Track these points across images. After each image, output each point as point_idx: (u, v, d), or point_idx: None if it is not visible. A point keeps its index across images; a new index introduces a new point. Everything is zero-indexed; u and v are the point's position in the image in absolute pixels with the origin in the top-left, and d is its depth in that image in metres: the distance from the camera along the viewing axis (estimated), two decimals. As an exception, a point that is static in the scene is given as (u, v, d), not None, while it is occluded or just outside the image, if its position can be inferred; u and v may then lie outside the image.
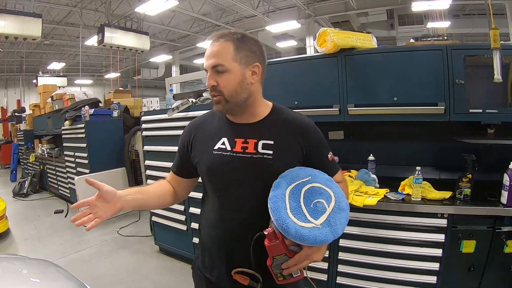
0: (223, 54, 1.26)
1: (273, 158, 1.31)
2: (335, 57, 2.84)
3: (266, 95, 3.13)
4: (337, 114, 2.88)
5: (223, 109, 1.33)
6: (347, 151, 3.22)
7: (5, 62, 16.62)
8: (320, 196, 1.23)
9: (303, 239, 1.12)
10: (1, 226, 5.45)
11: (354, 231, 2.60)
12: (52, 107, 8.00)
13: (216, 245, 1.42)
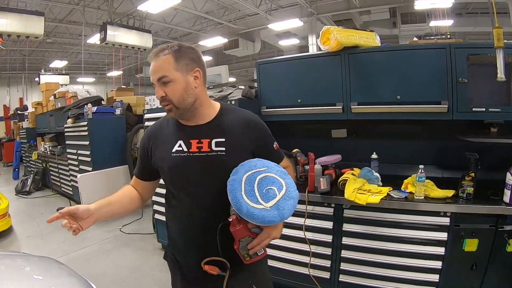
0: (165, 66, 1.39)
1: (226, 153, 1.46)
2: (339, 55, 2.85)
3: (269, 93, 3.17)
4: (340, 113, 2.90)
5: (175, 115, 1.47)
6: (350, 149, 3.23)
7: (7, 61, 16.66)
8: (272, 184, 1.41)
9: (253, 217, 1.30)
10: (3, 223, 5.48)
11: (356, 229, 2.61)
12: (55, 105, 8.02)
13: (183, 239, 1.55)
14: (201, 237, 1.49)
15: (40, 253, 2.71)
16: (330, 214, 2.70)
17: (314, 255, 2.76)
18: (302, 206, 2.74)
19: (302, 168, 3.03)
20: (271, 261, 3.03)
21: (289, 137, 3.43)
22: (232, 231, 1.36)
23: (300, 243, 2.84)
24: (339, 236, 2.69)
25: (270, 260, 3.03)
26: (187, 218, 1.51)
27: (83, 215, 1.34)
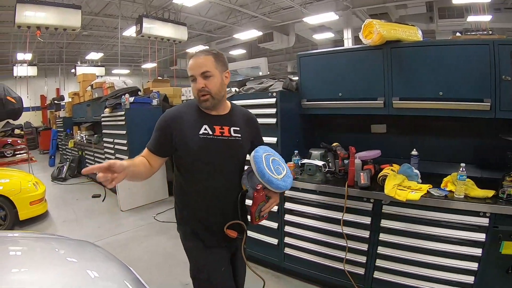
0: (208, 64, 1.73)
1: (241, 139, 1.87)
2: (381, 49, 2.80)
3: (310, 86, 3.16)
4: (381, 107, 2.85)
5: (210, 104, 1.77)
6: (389, 145, 3.17)
7: (45, 52, 17.18)
8: (279, 164, 1.90)
9: (271, 183, 1.75)
10: (41, 208, 5.65)
11: (395, 225, 2.56)
12: (92, 95, 8.23)
13: (208, 208, 1.84)
14: (221, 203, 1.84)
15: (76, 237, 2.82)
16: (368, 210, 2.67)
17: (349, 250, 2.75)
18: (341, 200, 2.75)
19: (342, 162, 3.00)
20: (305, 254, 3.06)
21: (328, 131, 3.42)
22: (256, 196, 1.77)
23: (336, 238, 2.83)
24: (376, 232, 2.65)
25: (305, 253, 3.07)
26: (210, 188, 1.81)
27: (118, 169, 1.48)
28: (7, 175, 5.87)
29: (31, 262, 1.68)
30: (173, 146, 1.79)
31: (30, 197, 5.44)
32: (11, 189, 5.30)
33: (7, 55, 17.40)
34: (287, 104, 3.17)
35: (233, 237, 1.77)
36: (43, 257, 1.77)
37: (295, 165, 3.03)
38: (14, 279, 1.55)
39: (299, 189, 3.01)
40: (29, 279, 1.56)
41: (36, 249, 1.99)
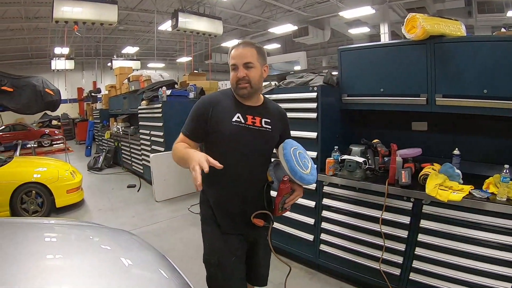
0: (251, 56, 1.80)
1: (272, 130, 1.93)
2: (424, 44, 2.70)
3: (351, 81, 3.11)
4: (424, 104, 2.75)
5: (248, 93, 1.82)
6: (430, 143, 3.07)
7: (82, 47, 17.71)
8: (304, 158, 1.94)
9: (303, 179, 1.82)
10: (77, 196, 5.88)
11: (434, 226, 2.48)
12: (129, 88, 8.43)
13: (232, 195, 1.89)
14: (245, 191, 1.89)
15: (111, 225, 2.88)
16: (408, 209, 2.60)
17: (386, 250, 2.69)
18: (380, 198, 2.70)
19: (382, 159, 2.94)
20: (341, 251, 3.03)
21: (368, 127, 3.36)
22: (282, 188, 1.82)
23: (373, 236, 2.78)
24: (415, 232, 2.58)
25: (341, 251, 3.04)
26: (236, 176, 1.85)
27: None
28: (45, 164, 6.13)
29: (65, 249, 1.73)
30: (207, 131, 1.83)
31: (67, 185, 5.67)
32: (49, 177, 5.53)
33: (45, 49, 18.15)
34: (327, 99, 3.13)
35: (260, 226, 1.82)
36: (77, 244, 1.82)
37: (335, 161, 3.00)
38: (48, 265, 1.60)
39: (338, 186, 2.99)
40: (63, 265, 1.61)
41: (71, 236, 2.05)
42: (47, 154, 12.81)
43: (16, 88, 8.35)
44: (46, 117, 19.86)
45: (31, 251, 1.68)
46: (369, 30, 14.26)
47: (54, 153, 13.08)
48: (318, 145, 3.11)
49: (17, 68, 17.93)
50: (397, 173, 2.66)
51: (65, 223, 2.52)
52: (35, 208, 5.40)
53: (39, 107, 9.08)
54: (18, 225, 2.27)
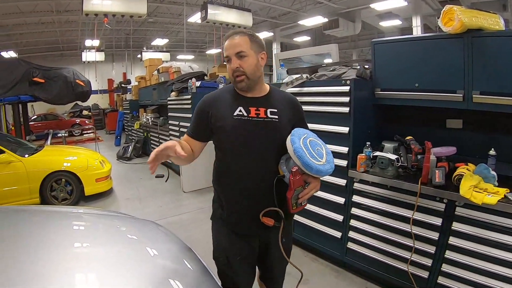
0: (243, 44, 1.70)
1: (278, 120, 1.79)
2: (461, 38, 2.57)
3: (384, 75, 3.02)
4: (460, 101, 2.63)
5: (245, 85, 1.74)
6: (464, 142, 2.94)
7: (112, 39, 18.08)
8: (316, 145, 1.77)
9: (320, 172, 1.65)
10: (106, 185, 6.04)
11: (466, 229, 2.38)
12: (158, 79, 8.56)
13: (240, 192, 1.79)
14: (254, 187, 1.76)
15: (138, 215, 2.92)
16: (440, 210, 2.50)
17: (415, 252, 2.61)
18: (412, 198, 2.61)
19: (415, 157, 2.84)
20: (369, 250, 2.97)
21: (400, 123, 3.25)
22: (292, 180, 1.63)
23: (403, 237, 2.70)
24: (446, 234, 2.48)
25: (369, 250, 2.98)
26: (244, 171, 1.77)
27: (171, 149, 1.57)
28: (75, 153, 6.33)
29: (93, 238, 1.76)
30: (210, 129, 1.81)
31: (96, 174, 5.84)
32: (79, 166, 5.71)
33: (76, 42, 18.70)
34: (360, 93, 3.05)
35: (270, 225, 1.69)
36: (105, 233, 1.84)
37: (366, 157, 2.93)
38: (75, 253, 1.64)
39: (369, 183, 2.91)
40: (90, 253, 1.64)
41: (99, 225, 2.08)
42: (78, 143, 13.19)
43: (47, 79, 8.67)
44: (77, 107, 20.47)
45: (60, 239, 1.73)
46: (400, 23, 13.88)
47: (84, 142, 13.45)
48: (350, 140, 3.04)
49: (49, 60, 18.54)
50: (430, 172, 2.56)
51: (93, 212, 2.57)
52: (64, 195, 5.60)
53: (70, 98, 9.37)
54: (48, 213, 2.34)
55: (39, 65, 9.06)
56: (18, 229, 1.83)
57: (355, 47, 19.85)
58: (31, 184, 5.27)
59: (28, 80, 8.39)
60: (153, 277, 1.51)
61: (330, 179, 3.15)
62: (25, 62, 8.70)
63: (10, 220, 2.02)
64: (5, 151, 5.17)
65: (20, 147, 5.84)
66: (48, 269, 1.40)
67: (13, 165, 5.15)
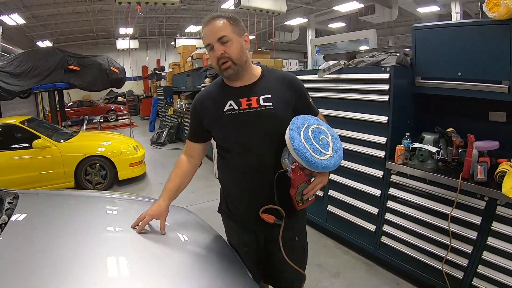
0: (224, 28, 1.57)
1: (274, 107, 1.64)
2: (508, 24, 2.39)
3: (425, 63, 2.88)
4: (505, 92, 2.46)
5: (233, 72, 1.60)
6: (508, 136, 2.75)
7: (145, 27, 18.34)
8: (320, 133, 1.59)
9: (327, 168, 1.51)
10: (139, 169, 6.22)
11: (507, 230, 2.24)
12: (192, 66, 8.64)
13: (238, 188, 1.76)
14: (254, 185, 1.68)
15: None
16: (481, 208, 2.37)
17: (451, 250, 2.51)
18: (451, 194, 2.49)
19: (456, 150, 2.71)
20: (403, 246, 2.89)
21: (440, 114, 3.10)
22: (293, 178, 1.51)
23: (439, 234, 2.60)
24: (485, 234, 2.35)
25: (403, 245, 2.89)
26: (242, 168, 1.69)
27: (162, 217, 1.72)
28: (109, 138, 6.55)
29: (124, 222, 1.78)
30: (206, 130, 1.75)
31: (130, 159, 6.02)
32: (113, 151, 5.89)
33: (110, 30, 19.17)
34: (400, 81, 2.93)
35: (270, 222, 1.59)
36: (133, 219, 1.85)
37: (405, 148, 2.81)
38: (108, 236, 1.70)
39: (407, 176, 2.80)
40: (122, 238, 1.69)
41: (131, 211, 2.09)
42: (112, 128, 13.60)
43: (82, 66, 8.94)
44: (112, 93, 21.06)
45: (93, 223, 1.80)
46: (439, 9, 13.30)
47: (119, 128, 13.85)
48: (388, 130, 2.93)
49: (84, 48, 19.20)
50: (472, 167, 2.43)
51: (126, 197, 2.66)
52: (98, 180, 5.81)
53: (105, 84, 9.61)
54: (83, 198, 2.44)
55: (73, 53, 9.35)
56: (55, 213, 1.93)
57: (391, 34, 19.26)
58: (66, 168, 5.52)
59: (63, 68, 8.64)
60: (182, 263, 1.57)
61: (366, 170, 3.10)
62: (60, 51, 8.96)
63: (47, 203, 2.13)
64: (41, 136, 5.41)
65: (56, 133, 6.11)
66: (80, 252, 1.45)
67: (49, 150, 5.40)
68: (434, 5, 12.99)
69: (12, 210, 1.78)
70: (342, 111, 3.19)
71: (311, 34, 17.20)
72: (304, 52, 20.07)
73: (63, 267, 1.32)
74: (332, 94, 3.28)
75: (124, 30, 16.12)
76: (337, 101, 3.24)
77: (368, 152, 3.05)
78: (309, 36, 17.09)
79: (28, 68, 8.18)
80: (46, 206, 2.06)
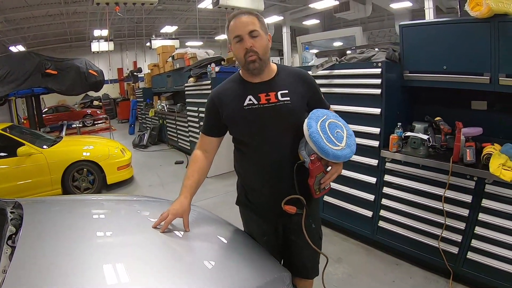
0: (255, 24, 1.64)
1: (291, 102, 1.71)
2: (488, 22, 2.61)
3: (413, 58, 3.07)
4: (487, 83, 2.68)
5: (258, 65, 1.66)
6: (489, 123, 2.99)
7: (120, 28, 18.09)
8: (336, 127, 1.69)
9: (338, 157, 1.59)
10: (127, 172, 6.11)
11: (495, 206, 2.47)
12: (173, 66, 8.61)
13: (259, 180, 1.80)
14: (274, 176, 1.74)
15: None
16: (470, 187, 2.59)
17: (446, 228, 2.71)
18: (443, 176, 2.70)
19: (444, 137, 2.92)
20: (400, 228, 3.06)
21: (426, 105, 3.31)
22: (312, 168, 1.60)
23: (433, 214, 2.80)
24: (475, 211, 2.57)
25: (400, 228, 3.06)
26: (262, 160, 1.74)
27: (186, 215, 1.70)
28: (95, 142, 6.41)
29: (114, 224, 1.76)
30: (224, 124, 1.79)
31: (118, 162, 5.88)
32: (100, 155, 5.74)
33: (84, 32, 18.82)
34: (391, 75, 3.11)
35: (292, 213, 1.64)
36: (126, 218, 1.86)
37: (398, 137, 2.99)
38: (98, 243, 1.56)
39: (401, 162, 2.99)
40: (113, 242, 1.59)
41: (121, 211, 2.10)
42: (91, 133, 13.35)
43: (60, 70, 8.65)
44: (87, 98, 20.63)
45: (82, 227, 1.68)
46: (411, 5, 13.64)
47: (97, 132, 13.61)
48: (382, 121, 3.10)
49: (58, 52, 18.58)
50: (461, 151, 2.65)
51: (113, 198, 2.62)
52: (86, 185, 5.64)
53: (84, 88, 9.39)
54: (67, 202, 2.32)
55: (50, 56, 9.10)
56: (48, 220, 1.78)
57: (365, 30, 19.60)
58: (52, 175, 5.31)
59: (40, 72, 8.38)
60: (214, 258, 1.57)
61: (361, 159, 3.24)
62: (36, 55, 8.71)
63: (54, 211, 2.00)
64: (25, 143, 5.17)
65: (39, 139, 5.88)
66: (69, 258, 1.35)
67: (34, 157, 5.17)
68: (407, 1, 13.32)
69: (17, 220, 1.66)
70: (336, 105, 3.26)
71: (287, 31, 17.26)
72: (279, 50, 20.11)
73: (89, 274, 1.25)
74: (326, 89, 3.41)
75: (98, 32, 15.85)
76: (331, 95, 3.35)
77: (363, 143, 3.18)
78: (285, 33, 17.21)
79: (4, 73, 7.90)
80: (55, 213, 1.93)
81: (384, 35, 19.60)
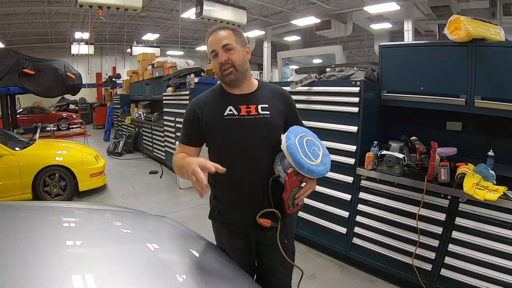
0: (229, 37, 1.69)
1: (271, 116, 1.76)
2: (466, 46, 2.70)
3: (391, 78, 3.12)
4: (462, 105, 2.76)
5: (234, 77, 1.70)
6: (463, 144, 3.07)
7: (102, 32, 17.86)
8: (313, 145, 1.72)
9: (312, 172, 1.60)
10: (100, 180, 5.93)
11: (468, 224, 2.53)
12: (152, 74, 8.48)
13: (233, 192, 1.79)
14: (248, 189, 1.75)
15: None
16: (444, 206, 2.64)
17: (419, 245, 2.75)
18: (418, 195, 2.74)
19: (419, 156, 2.96)
20: (374, 245, 3.07)
21: (403, 124, 3.37)
22: (288, 182, 1.61)
23: (408, 231, 2.83)
24: (449, 229, 2.62)
25: (374, 245, 3.08)
26: (237, 174, 1.72)
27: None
28: (69, 147, 6.17)
29: (84, 235, 1.68)
30: (203, 133, 1.78)
31: (91, 169, 5.70)
32: (73, 161, 5.55)
33: (65, 34, 18.43)
34: (368, 94, 3.15)
35: (267, 226, 1.63)
36: (98, 229, 1.78)
37: (374, 155, 3.03)
38: (68, 252, 1.49)
39: (377, 180, 3.02)
40: (83, 253, 1.51)
41: (93, 221, 2.01)
42: (65, 137, 12.97)
43: (37, 71, 8.48)
44: (63, 101, 20.10)
45: (49, 236, 1.58)
46: (391, 26, 14.07)
47: (72, 137, 13.23)
48: (358, 139, 3.13)
49: (37, 52, 18.10)
50: (436, 170, 2.69)
51: (86, 207, 2.50)
52: (58, 191, 5.42)
53: (60, 91, 9.20)
54: (37, 209, 2.19)
55: (29, 56, 8.87)
56: (6, 227, 1.67)
57: (345, 48, 20.00)
58: (23, 179, 5.07)
59: (18, 72, 8.19)
60: (186, 271, 1.49)
61: (337, 176, 3.25)
62: (14, 53, 8.49)
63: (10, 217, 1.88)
64: None
65: (11, 140, 5.60)
66: (35, 269, 1.26)
67: (5, 158, 4.92)
68: (386, 22, 13.70)
69: None
70: (313, 121, 3.31)
71: (268, 46, 17.48)
72: (259, 64, 20.26)
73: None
74: (304, 105, 3.43)
75: (79, 34, 15.56)
76: (309, 112, 3.39)
77: (339, 160, 3.20)
78: (266, 48, 17.38)
79: (-20, 70, 7.56)
80: (23, 219, 1.82)
81: (363, 55, 20.12)
